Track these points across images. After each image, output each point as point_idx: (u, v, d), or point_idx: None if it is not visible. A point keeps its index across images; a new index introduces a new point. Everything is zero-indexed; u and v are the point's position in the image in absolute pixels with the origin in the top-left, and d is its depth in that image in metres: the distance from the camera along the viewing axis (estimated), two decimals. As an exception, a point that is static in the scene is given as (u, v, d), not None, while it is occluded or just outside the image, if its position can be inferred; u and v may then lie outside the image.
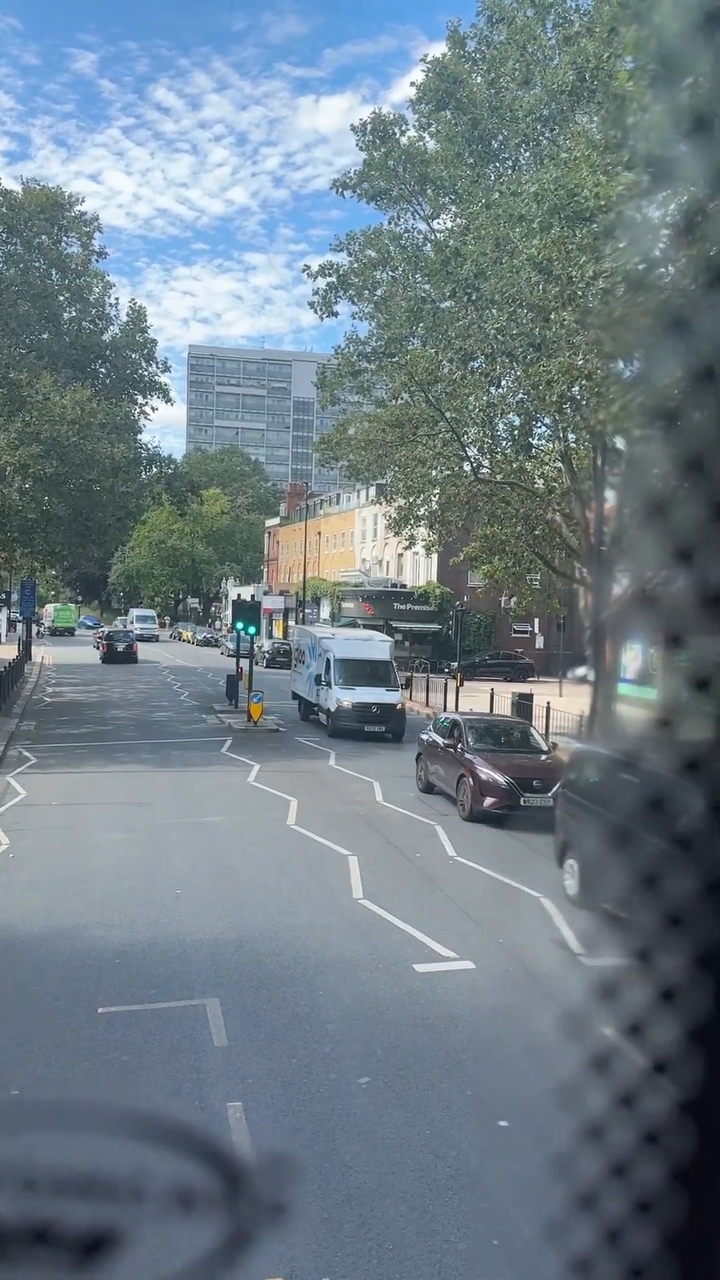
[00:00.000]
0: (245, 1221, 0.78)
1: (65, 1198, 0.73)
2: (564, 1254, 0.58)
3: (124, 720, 27.43)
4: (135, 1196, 0.73)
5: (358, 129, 25.04)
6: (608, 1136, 0.58)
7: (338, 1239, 5.07)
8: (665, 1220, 0.55)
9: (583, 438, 20.05)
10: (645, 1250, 0.56)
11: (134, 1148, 0.99)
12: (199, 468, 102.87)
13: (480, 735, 16.90)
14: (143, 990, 8.29)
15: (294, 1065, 6.99)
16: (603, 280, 15.09)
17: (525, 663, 45.57)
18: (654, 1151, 0.56)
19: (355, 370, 25.98)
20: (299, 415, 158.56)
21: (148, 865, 12.28)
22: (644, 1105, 0.57)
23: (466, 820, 15.43)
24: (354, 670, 24.75)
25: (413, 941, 9.72)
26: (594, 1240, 0.57)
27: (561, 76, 19.58)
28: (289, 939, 9.68)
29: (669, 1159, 0.56)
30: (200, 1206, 0.76)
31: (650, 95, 9.61)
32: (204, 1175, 0.86)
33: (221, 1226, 0.77)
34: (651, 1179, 0.56)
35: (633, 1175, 0.57)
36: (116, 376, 33.14)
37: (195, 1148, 1.05)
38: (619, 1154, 0.57)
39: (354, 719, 24.13)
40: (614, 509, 18.98)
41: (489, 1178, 5.70)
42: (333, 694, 24.62)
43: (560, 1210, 0.59)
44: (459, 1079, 6.91)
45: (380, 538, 55.28)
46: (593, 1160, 0.59)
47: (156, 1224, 0.73)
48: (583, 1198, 0.58)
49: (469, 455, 23.26)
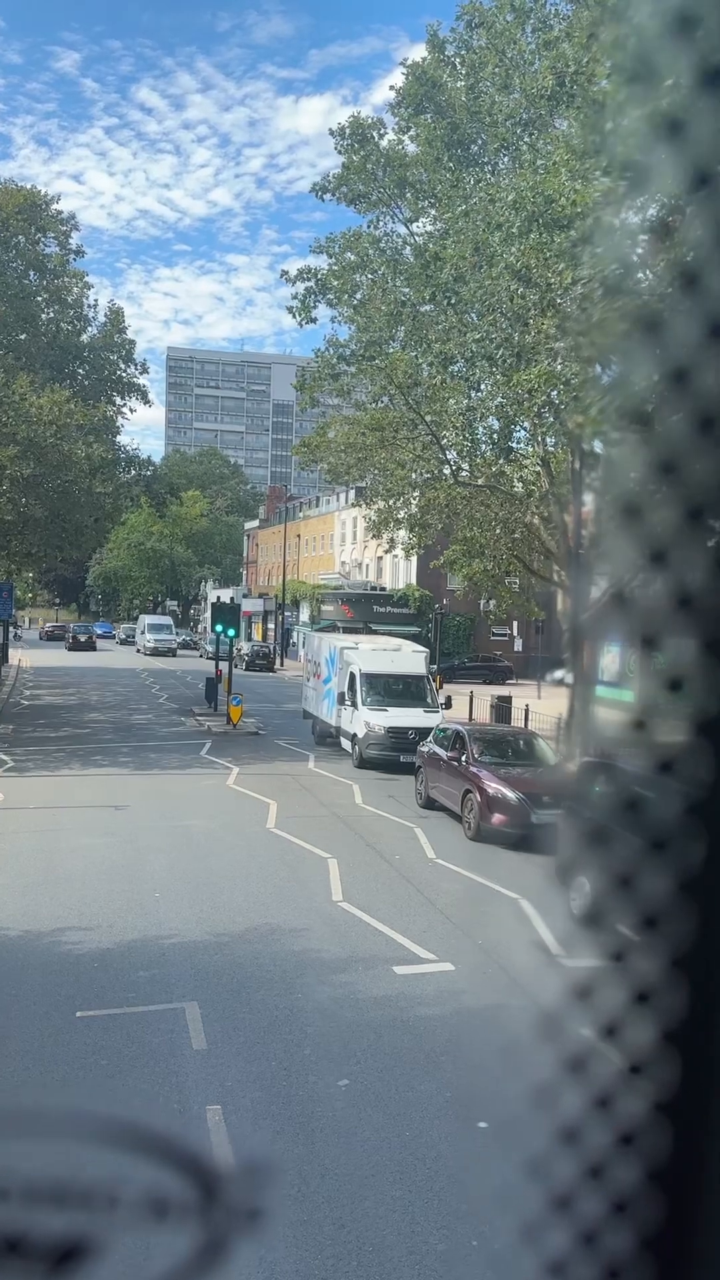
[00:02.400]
0: (220, 1229, 0.77)
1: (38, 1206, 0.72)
2: (541, 1255, 0.58)
3: (102, 723, 27.28)
4: (110, 1204, 0.72)
5: (336, 132, 25.06)
6: (584, 1138, 0.58)
7: (317, 1241, 5.06)
8: (641, 1221, 0.56)
9: (562, 442, 20.16)
10: (621, 1251, 0.56)
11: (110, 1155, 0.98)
12: (178, 470, 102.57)
13: (485, 746, 15.72)
14: (121, 994, 8.24)
15: (273, 1068, 6.98)
16: (580, 286, 15.18)
17: (504, 665, 45.77)
18: (630, 1153, 0.56)
19: (335, 373, 25.95)
20: (278, 418, 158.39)
21: (126, 869, 12.21)
22: (620, 1107, 0.57)
23: (473, 840, 14.24)
24: (384, 687, 21.17)
25: (392, 944, 9.72)
26: (570, 1242, 0.57)
27: (540, 81, 19.69)
28: (268, 942, 9.66)
29: (645, 1160, 0.56)
30: (175, 1214, 0.75)
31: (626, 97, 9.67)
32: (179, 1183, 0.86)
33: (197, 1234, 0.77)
34: (628, 1180, 0.56)
35: (609, 1176, 0.57)
36: (95, 378, 33.02)
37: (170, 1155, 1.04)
38: (595, 1155, 0.58)
39: (387, 746, 20.06)
40: (592, 512, 19.09)
41: (468, 1179, 5.70)
42: (359, 716, 20.75)
43: (537, 1212, 0.60)
44: (438, 1081, 6.91)
45: (360, 541, 55.30)
46: (569, 1162, 0.59)
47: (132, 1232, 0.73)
48: (559, 1199, 0.58)
49: (448, 459, 23.31)
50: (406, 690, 21.41)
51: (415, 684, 21.76)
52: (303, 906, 10.86)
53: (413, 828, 15.24)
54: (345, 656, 22.13)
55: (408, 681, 21.68)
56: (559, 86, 19.23)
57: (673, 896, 0.53)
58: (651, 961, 0.55)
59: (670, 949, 0.53)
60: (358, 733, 20.76)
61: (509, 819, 13.93)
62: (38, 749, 21.95)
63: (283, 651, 56.94)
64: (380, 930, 10.10)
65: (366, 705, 20.79)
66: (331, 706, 22.71)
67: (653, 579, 0.57)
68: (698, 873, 0.53)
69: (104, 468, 29.88)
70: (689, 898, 0.53)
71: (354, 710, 21.10)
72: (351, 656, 21.90)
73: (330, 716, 22.95)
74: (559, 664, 40.09)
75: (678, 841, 0.54)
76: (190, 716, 28.85)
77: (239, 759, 21.29)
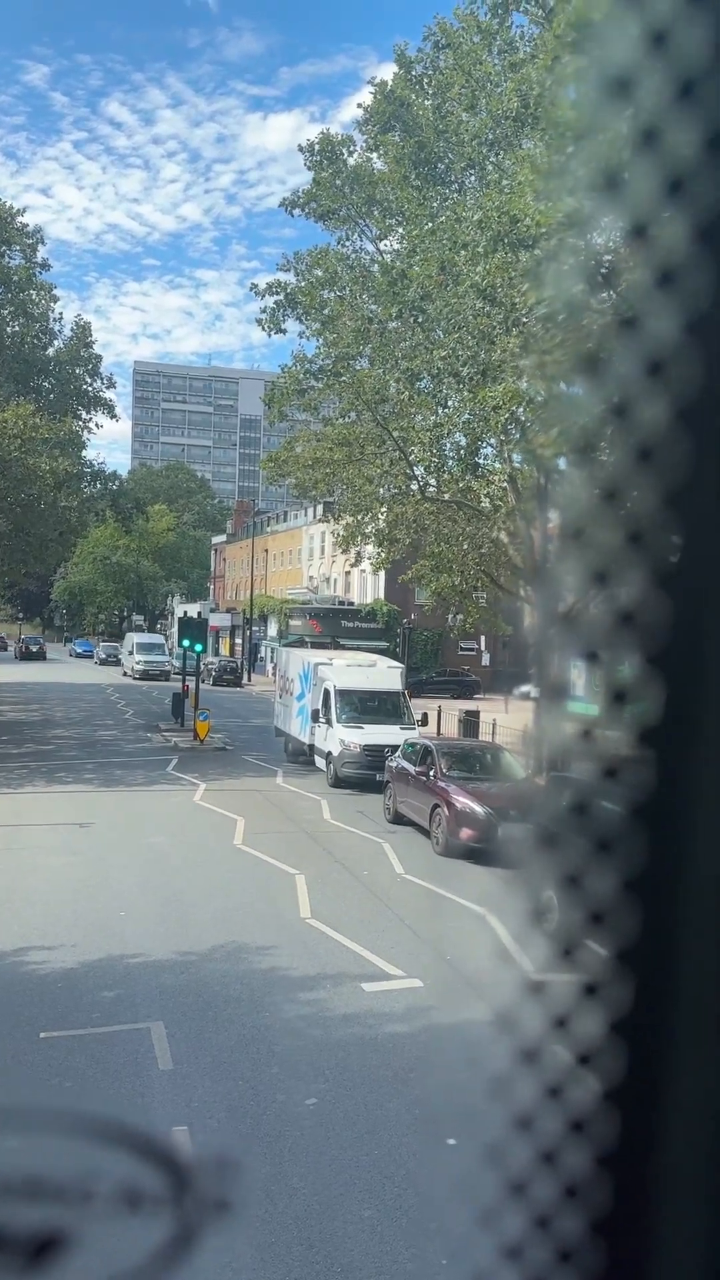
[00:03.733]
0: (191, 1219, 0.79)
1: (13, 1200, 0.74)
2: (496, 1240, 0.61)
3: (67, 739, 27.01)
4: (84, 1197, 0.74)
5: (305, 148, 25.29)
6: (537, 1126, 0.62)
7: (285, 1262, 5.03)
8: (592, 1204, 0.59)
9: (528, 459, 20.38)
10: (573, 1234, 0.59)
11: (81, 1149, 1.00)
12: (144, 484, 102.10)
13: (453, 761, 15.75)
14: (86, 1014, 8.15)
15: (240, 1087, 6.93)
16: (544, 306, 15.40)
17: (472, 680, 45.99)
18: (580, 1139, 0.60)
19: (302, 389, 26.06)
20: (246, 433, 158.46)
21: (91, 887, 12.09)
22: (570, 1095, 0.60)
23: (442, 855, 14.25)
24: (360, 704, 20.61)
25: (360, 960, 9.70)
26: (524, 1226, 0.60)
27: (506, 103, 20.00)
28: (236, 960, 9.60)
29: (594, 1146, 0.59)
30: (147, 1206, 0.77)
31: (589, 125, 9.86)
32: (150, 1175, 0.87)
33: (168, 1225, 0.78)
34: (578, 1165, 0.59)
35: (561, 1162, 0.60)
36: (61, 391, 32.88)
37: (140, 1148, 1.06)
38: (548, 1142, 0.61)
39: (363, 765, 19.40)
40: (556, 528, 19.29)
41: (437, 1196, 5.70)
42: (334, 733, 20.23)
43: (492, 1199, 0.62)
44: (407, 1098, 6.91)
45: (328, 555, 55.40)
46: (523, 1149, 0.62)
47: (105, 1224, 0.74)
48: (514, 1185, 0.61)
49: (416, 474, 23.47)
50: (382, 707, 20.87)
51: (391, 700, 21.24)
52: (270, 924, 10.81)
53: (381, 843, 15.24)
54: (319, 672, 21.63)
55: (383, 698, 21.14)
56: (524, 108, 19.55)
57: (618, 894, 0.57)
58: (599, 956, 0.59)
59: (616, 944, 0.57)
60: (333, 751, 20.25)
61: (477, 833, 13.92)
62: (0, 766, 21.69)
63: (250, 666, 56.79)
64: (348, 947, 10.08)
65: (342, 723, 20.25)
66: (305, 724, 22.16)
67: (606, 597, 0.61)
68: (641, 871, 0.57)
69: (69, 482, 29.73)
70: (634, 895, 0.57)
71: (328, 728, 20.58)
72: (326, 673, 21.40)
73: (303, 734, 22.41)
74: (526, 678, 40.41)
75: (623, 842, 0.57)
76: (156, 732, 28.66)
77: (206, 775, 21.17)
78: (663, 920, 0.56)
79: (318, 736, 21.36)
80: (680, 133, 0.49)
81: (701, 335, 0.51)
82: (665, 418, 0.52)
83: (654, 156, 0.50)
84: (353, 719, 20.37)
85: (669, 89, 0.49)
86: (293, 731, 23.63)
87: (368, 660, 23.41)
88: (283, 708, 25.19)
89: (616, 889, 0.57)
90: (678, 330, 0.50)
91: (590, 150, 0.60)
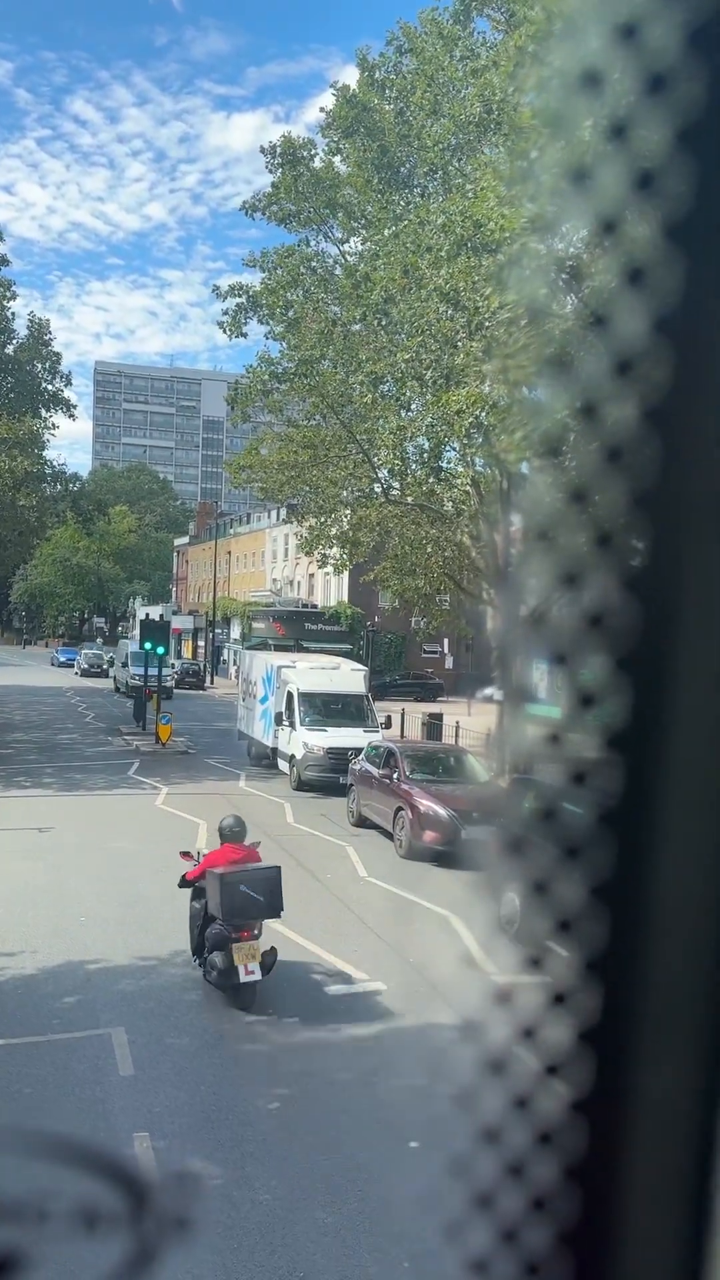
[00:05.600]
0: (150, 1238, 0.77)
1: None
2: (463, 1254, 0.60)
3: (26, 743, 26.65)
4: (39, 1216, 0.72)
5: (267, 150, 25.21)
6: (504, 1137, 0.61)
7: (248, 1268, 4.99)
8: (559, 1217, 0.58)
9: (491, 463, 20.50)
10: (540, 1246, 0.58)
11: (35, 1167, 0.97)
12: (105, 485, 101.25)
13: (417, 764, 15.76)
14: (45, 1021, 8.04)
15: (202, 1093, 6.88)
16: (507, 310, 15.51)
17: (435, 683, 46.16)
18: (548, 1151, 0.59)
19: (266, 390, 25.97)
20: (209, 434, 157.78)
21: (50, 892, 11.93)
22: (538, 1106, 0.59)
23: (405, 858, 14.24)
24: (323, 707, 20.65)
25: (323, 964, 9.68)
26: (491, 1239, 0.59)
27: (469, 108, 20.10)
28: (197, 965, 9.52)
29: (562, 1157, 0.58)
30: (104, 1224, 0.75)
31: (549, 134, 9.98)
32: (107, 1193, 0.85)
33: (126, 1244, 0.76)
34: (546, 1177, 0.58)
35: (528, 1174, 0.59)
36: (19, 391, 32.48)
37: (97, 1165, 1.03)
38: (515, 1154, 0.60)
39: (326, 768, 19.42)
40: (519, 531, 19.41)
41: (400, 1199, 5.69)
42: (297, 736, 20.21)
43: (459, 1211, 0.61)
44: (370, 1101, 6.89)
45: (291, 558, 55.31)
46: (489, 1161, 0.61)
47: (60, 1244, 0.72)
48: (480, 1198, 0.60)
49: (380, 477, 23.50)
50: (346, 710, 20.85)
51: (355, 703, 21.24)
52: (233, 927, 10.73)
53: (344, 846, 15.22)
54: (283, 675, 21.55)
55: (347, 701, 21.15)
56: (486, 114, 19.67)
57: (586, 901, 0.56)
58: (567, 965, 0.58)
59: (584, 952, 0.56)
60: (296, 754, 20.20)
61: (440, 836, 13.91)
62: (-41, 770, 21.35)
63: (213, 669, 56.49)
64: (311, 950, 10.04)
65: (305, 725, 20.22)
66: (268, 727, 22.09)
67: (571, 600, 0.60)
68: (609, 878, 0.56)
69: (28, 482, 29.37)
70: (601, 902, 0.56)
71: (292, 731, 20.53)
72: (289, 675, 21.35)
73: (267, 737, 22.34)
74: (489, 681, 40.63)
75: (591, 849, 0.57)
76: (118, 736, 28.40)
77: (168, 779, 21.01)
78: (631, 927, 0.56)
79: (281, 739, 21.32)
80: (649, 127, 0.49)
81: (670, 333, 0.50)
82: (633, 418, 0.52)
83: (623, 151, 0.49)
84: (316, 722, 20.35)
85: (638, 82, 0.49)
86: (256, 735, 23.54)
87: (332, 663, 23.35)
88: (246, 711, 25.07)
89: (583, 896, 0.57)
90: (646, 329, 0.50)
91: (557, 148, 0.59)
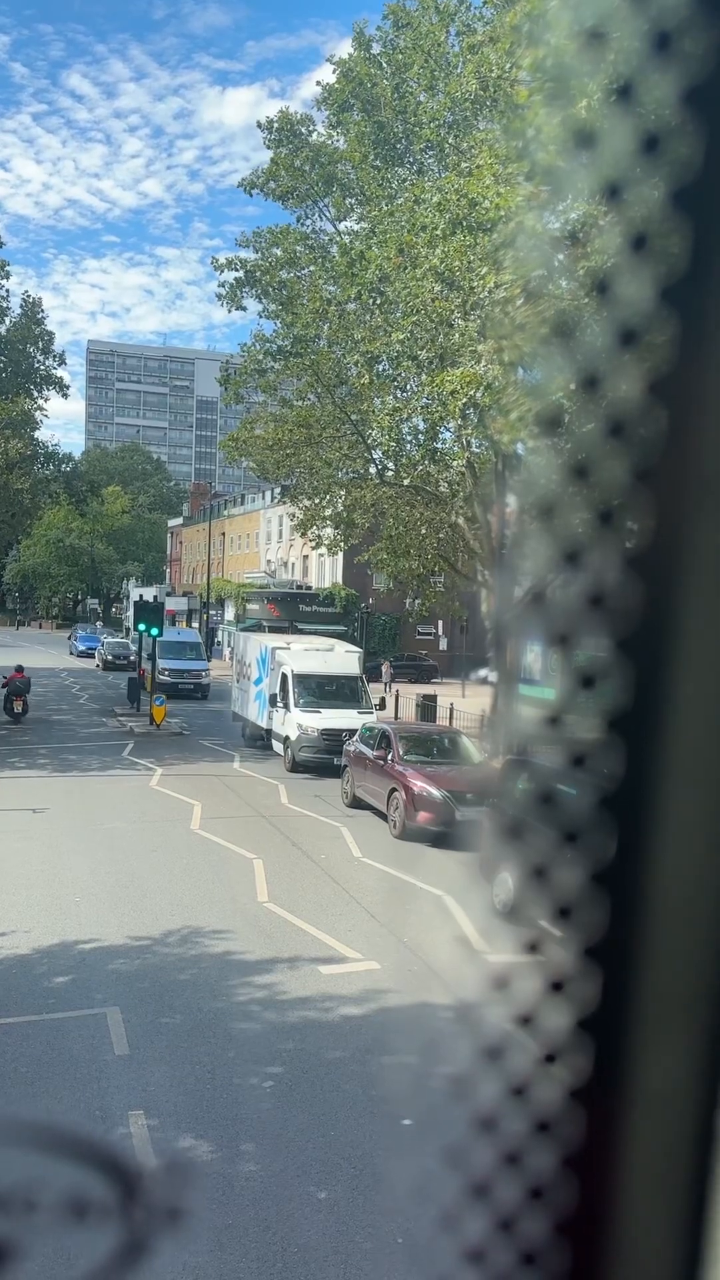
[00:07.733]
0: (141, 1229, 0.77)
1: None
2: (459, 1243, 0.59)
3: (21, 724, 26.63)
4: (28, 1207, 0.71)
5: (264, 125, 24.96)
6: (501, 1126, 0.60)
7: (242, 1244, 5.03)
8: (556, 1206, 0.57)
9: (486, 444, 20.42)
10: (537, 1236, 0.57)
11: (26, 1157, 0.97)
12: (99, 465, 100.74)
13: (411, 745, 15.81)
14: (41, 1000, 8.07)
15: (197, 1071, 6.91)
16: (503, 290, 15.40)
17: (429, 664, 46.20)
18: (545, 1139, 0.58)
19: (261, 369, 25.80)
20: (202, 414, 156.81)
21: (45, 873, 11.95)
22: (535, 1094, 0.59)
23: (399, 838, 14.33)
24: (317, 688, 20.70)
25: (318, 943, 9.72)
26: (488, 1229, 0.58)
27: (465, 85, 19.89)
28: (192, 944, 9.56)
29: (559, 1146, 0.57)
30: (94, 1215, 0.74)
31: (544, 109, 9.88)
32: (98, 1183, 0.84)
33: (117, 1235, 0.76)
34: (543, 1166, 0.58)
35: (525, 1163, 0.58)
36: (12, 370, 32.25)
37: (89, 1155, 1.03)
38: (511, 1143, 0.59)
39: (320, 749, 19.56)
40: (514, 513, 19.37)
41: (393, 1176, 5.74)
42: (291, 718, 20.30)
43: (454, 1201, 0.61)
44: (363, 1080, 6.94)
45: (285, 539, 55.17)
46: (486, 1150, 0.60)
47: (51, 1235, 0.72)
48: (477, 1187, 0.59)
49: (374, 458, 23.40)
50: (340, 691, 20.90)
51: (349, 685, 21.25)
52: (227, 908, 10.78)
53: (339, 827, 15.26)
54: (277, 657, 21.59)
55: (341, 682, 21.17)
56: (482, 90, 19.46)
57: (586, 887, 0.55)
58: (566, 951, 0.57)
59: (583, 938, 0.55)
60: (290, 735, 20.27)
61: (434, 816, 13.98)
62: (-47, 751, 21.33)
63: (208, 651, 56.39)
64: (306, 930, 10.09)
65: (299, 707, 20.29)
66: (263, 708, 22.20)
67: (569, 580, 0.59)
68: (609, 864, 0.55)
69: (22, 463, 29.21)
70: (601, 888, 0.55)
71: (286, 712, 20.60)
72: (283, 657, 21.38)
73: (261, 719, 22.45)
74: (483, 662, 40.68)
75: (590, 834, 0.55)
76: (112, 717, 28.38)
77: (162, 760, 21.02)
78: (630, 912, 0.55)
79: (275, 721, 21.39)
80: (655, 88, 0.47)
81: (676, 302, 0.49)
82: (635, 391, 0.50)
83: (628, 113, 0.48)
84: (310, 703, 20.43)
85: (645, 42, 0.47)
86: (250, 716, 23.62)
87: (326, 645, 23.37)
88: (240, 692, 25.16)
89: (581, 879, 0.56)
90: (651, 297, 0.48)
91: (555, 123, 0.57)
